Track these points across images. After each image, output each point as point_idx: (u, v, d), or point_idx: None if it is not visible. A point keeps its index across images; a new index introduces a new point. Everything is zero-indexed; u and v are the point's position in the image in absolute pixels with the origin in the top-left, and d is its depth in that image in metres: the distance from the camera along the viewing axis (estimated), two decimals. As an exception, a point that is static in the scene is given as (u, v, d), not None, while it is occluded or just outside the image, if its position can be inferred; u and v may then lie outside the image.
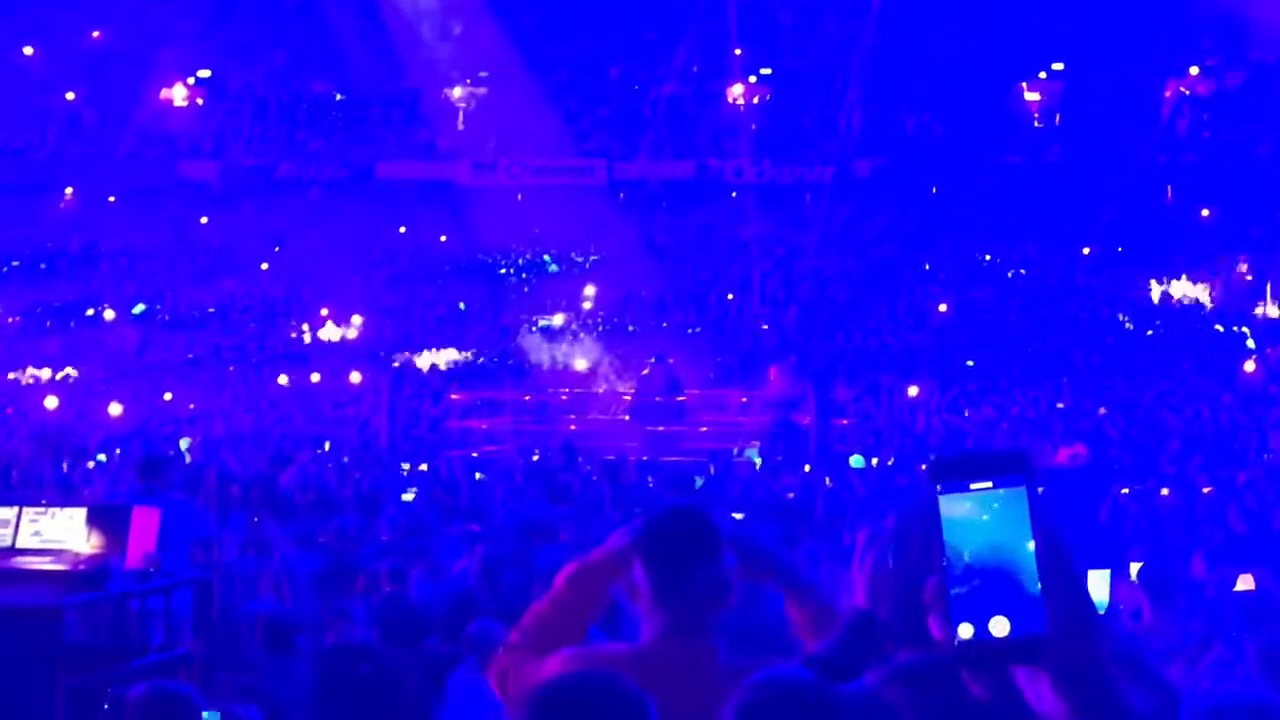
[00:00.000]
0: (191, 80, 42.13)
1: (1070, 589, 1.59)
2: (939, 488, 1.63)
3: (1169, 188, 39.27)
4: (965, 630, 1.59)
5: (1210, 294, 35.11)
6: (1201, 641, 7.29)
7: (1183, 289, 35.58)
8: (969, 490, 1.63)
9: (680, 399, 26.55)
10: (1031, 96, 41.34)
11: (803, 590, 3.45)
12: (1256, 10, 36.67)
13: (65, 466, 18.20)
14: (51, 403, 26.36)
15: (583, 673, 2.75)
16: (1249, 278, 35.70)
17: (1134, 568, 8.74)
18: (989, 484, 1.62)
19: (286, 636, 7.60)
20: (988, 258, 37.75)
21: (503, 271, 38.11)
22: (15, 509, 7.74)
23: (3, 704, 5.68)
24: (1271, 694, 4.80)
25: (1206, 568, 9.13)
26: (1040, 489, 1.62)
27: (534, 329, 34.60)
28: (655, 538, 3.47)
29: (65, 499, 11.30)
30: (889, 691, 2.12)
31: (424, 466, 19.98)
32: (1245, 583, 8.48)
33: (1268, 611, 7.61)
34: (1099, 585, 7.49)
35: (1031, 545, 1.59)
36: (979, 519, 1.62)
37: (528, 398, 28.01)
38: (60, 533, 7.58)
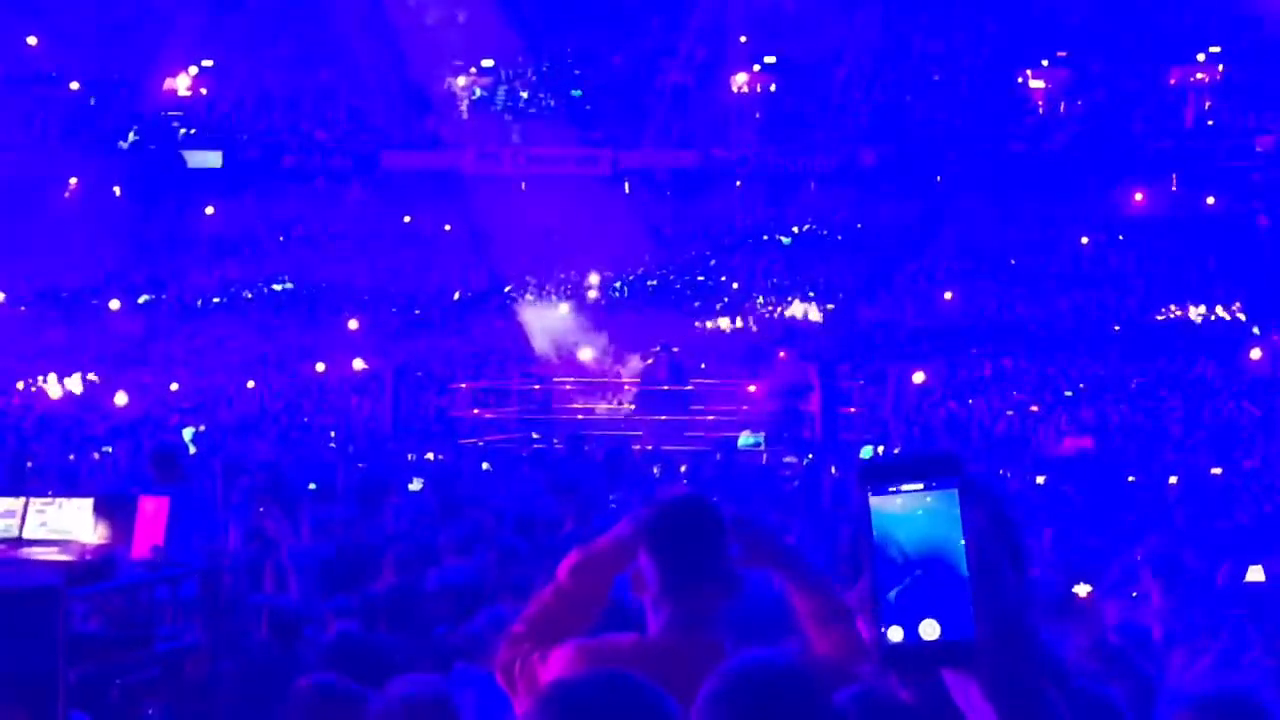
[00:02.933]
0: (195, 70, 42.11)
1: (1001, 593, 1.57)
2: (870, 489, 1.61)
3: (1174, 175, 39.20)
4: (895, 633, 1.58)
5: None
6: (1208, 631, 7.28)
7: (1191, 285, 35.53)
8: (900, 492, 1.62)
9: (685, 388, 26.53)
10: (1036, 84, 41.26)
11: (809, 581, 3.43)
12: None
13: (72, 456, 18.24)
14: (56, 392, 26.36)
15: (605, 674, 2.69)
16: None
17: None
18: (919, 486, 1.61)
19: (293, 627, 7.60)
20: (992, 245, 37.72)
21: (507, 261, 38.09)
22: (22, 499, 7.74)
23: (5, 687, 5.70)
24: (1259, 688, 4.80)
25: (1201, 557, 9.10)
26: (970, 492, 1.60)
27: (539, 318, 34.58)
28: (662, 528, 3.45)
29: (72, 489, 11.32)
30: (888, 682, 2.11)
31: (430, 456, 19.99)
32: (1255, 573, 8.45)
33: (1275, 602, 7.60)
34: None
35: (963, 549, 1.58)
36: (910, 522, 1.60)
37: (537, 387, 27.97)
38: (67, 523, 7.59)
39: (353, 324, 34.76)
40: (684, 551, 3.41)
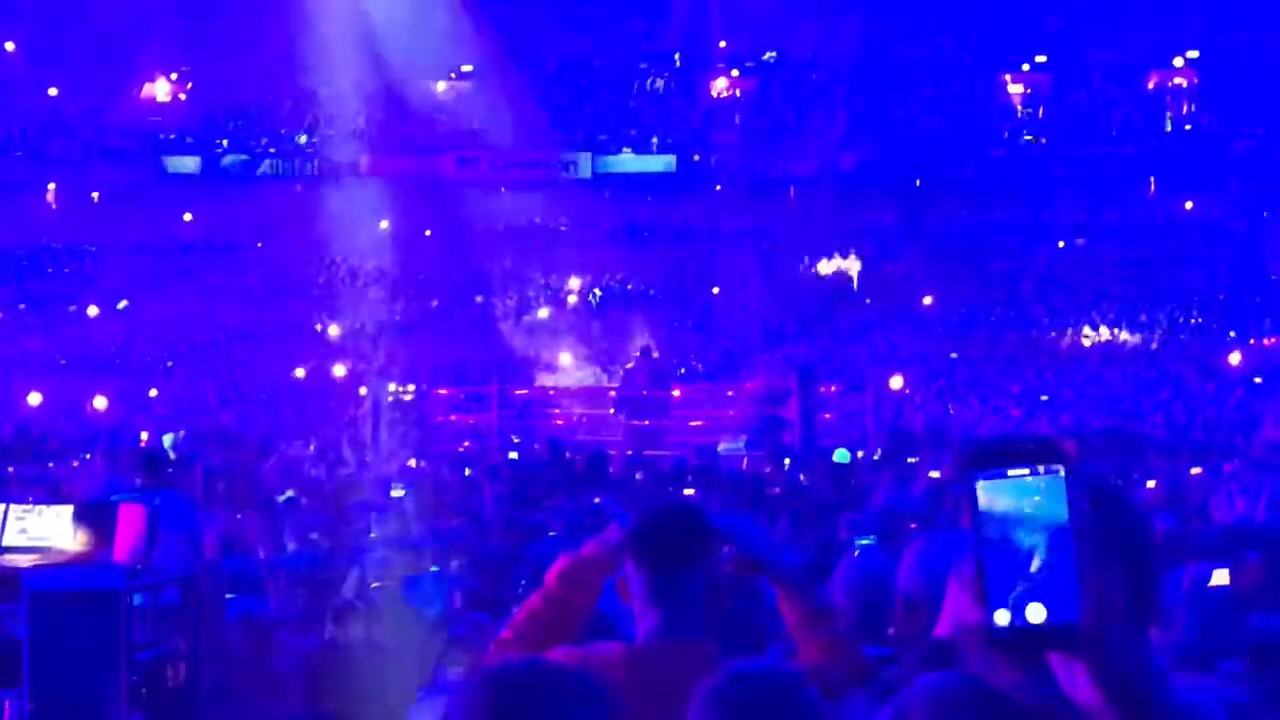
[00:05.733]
0: (174, 75, 42.01)
1: (1109, 577, 1.58)
2: (977, 474, 1.64)
3: (1152, 179, 39.35)
4: (1002, 617, 1.60)
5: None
6: (1188, 633, 7.31)
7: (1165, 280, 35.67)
8: (1007, 477, 1.63)
9: (666, 393, 26.51)
10: (1015, 89, 41.40)
11: (798, 588, 3.43)
12: (1237, 1, 36.77)
13: (51, 463, 18.15)
14: (35, 399, 26.25)
15: (530, 661, 2.70)
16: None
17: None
18: (1026, 471, 1.63)
19: (268, 633, 7.60)
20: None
21: (486, 265, 38.06)
22: (1, 506, 7.70)
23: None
24: (1237, 693, 4.82)
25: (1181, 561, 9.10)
26: (1076, 477, 1.63)
27: (519, 323, 34.56)
28: (647, 536, 3.44)
29: (52, 496, 11.26)
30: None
31: (412, 462, 19.94)
32: (1220, 577, 8.47)
33: (1246, 605, 7.62)
34: None
35: (1069, 532, 1.60)
36: (1017, 506, 1.62)
37: (520, 392, 27.94)
38: (46, 530, 7.54)
39: (334, 329, 34.68)
40: (669, 560, 3.40)
